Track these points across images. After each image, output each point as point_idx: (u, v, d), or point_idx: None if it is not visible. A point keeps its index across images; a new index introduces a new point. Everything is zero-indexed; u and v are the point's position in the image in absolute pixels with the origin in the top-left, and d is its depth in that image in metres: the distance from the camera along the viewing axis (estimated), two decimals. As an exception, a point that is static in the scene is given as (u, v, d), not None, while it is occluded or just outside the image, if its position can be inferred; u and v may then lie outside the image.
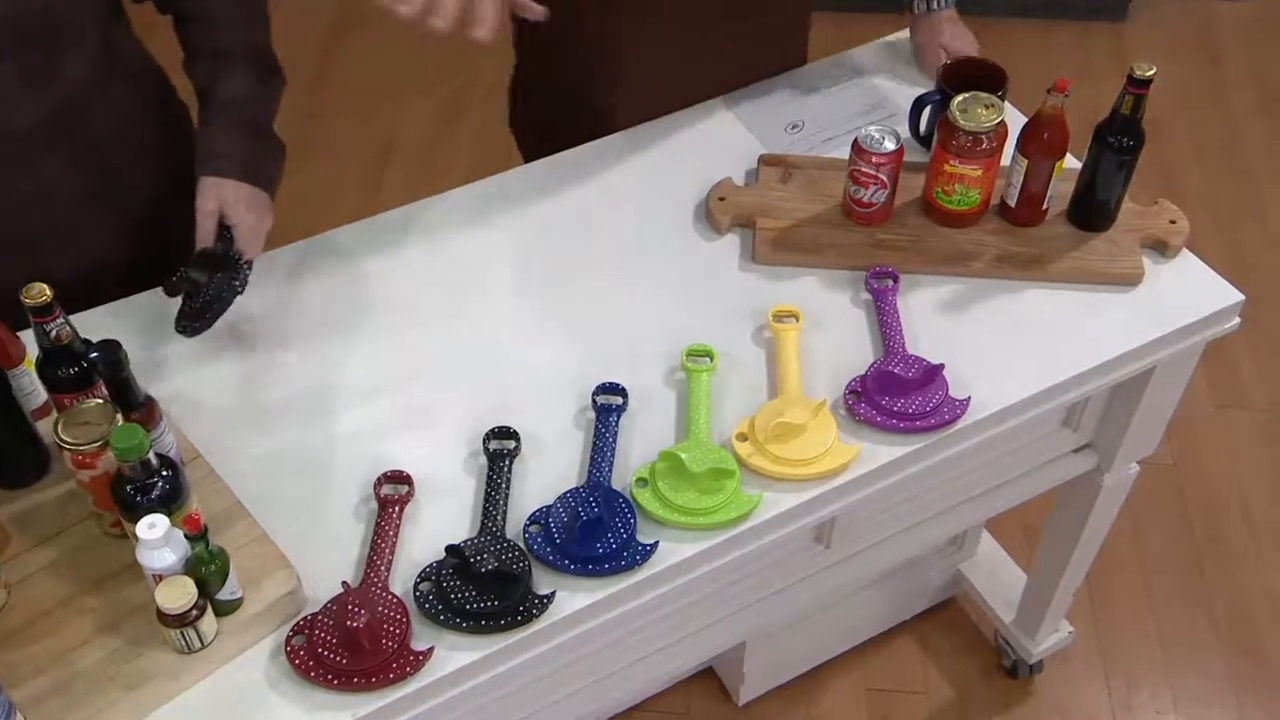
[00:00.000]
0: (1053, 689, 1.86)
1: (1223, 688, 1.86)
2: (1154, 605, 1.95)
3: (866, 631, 1.88)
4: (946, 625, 1.92)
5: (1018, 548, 1.92)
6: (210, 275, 1.15)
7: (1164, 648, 1.90)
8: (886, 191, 1.31)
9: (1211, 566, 2.00)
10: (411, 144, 2.60)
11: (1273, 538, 2.03)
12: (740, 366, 1.23)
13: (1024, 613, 1.78)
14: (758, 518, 1.11)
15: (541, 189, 1.41)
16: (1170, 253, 1.32)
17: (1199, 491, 2.10)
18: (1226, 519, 2.06)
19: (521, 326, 1.27)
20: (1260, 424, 2.20)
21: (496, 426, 1.15)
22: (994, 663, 1.89)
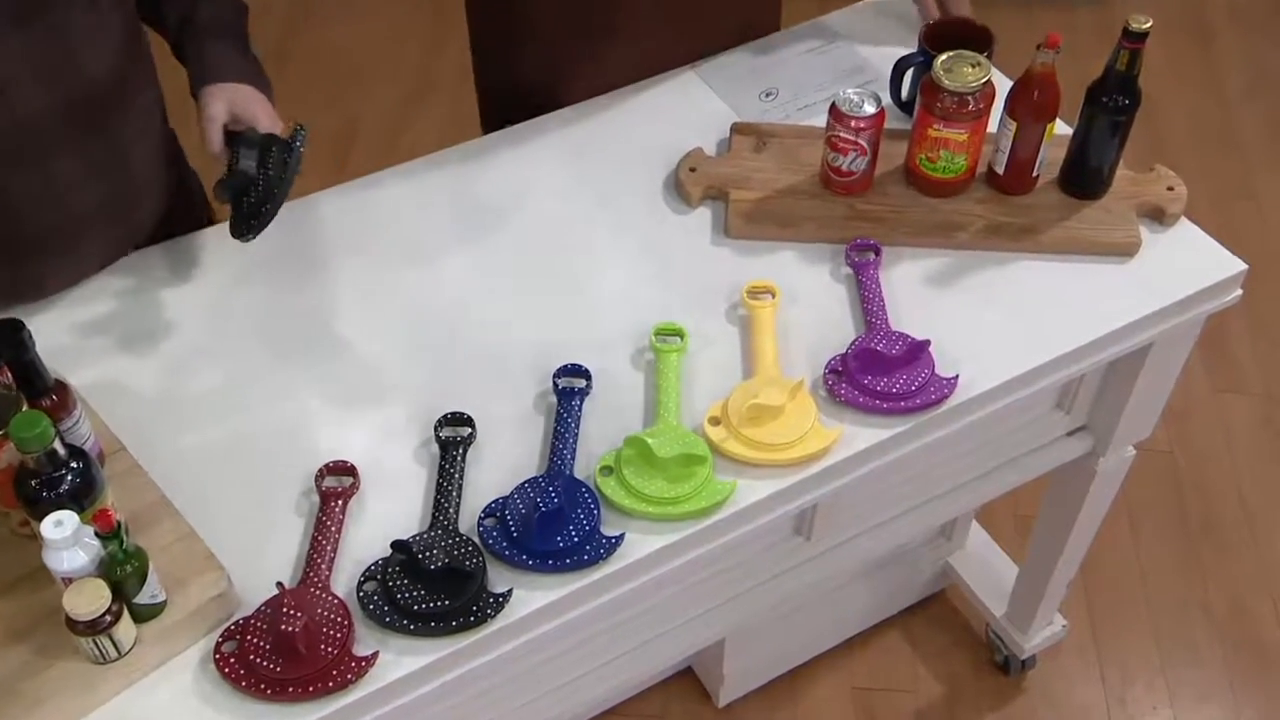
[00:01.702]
0: (1045, 685, 1.80)
1: (1219, 681, 1.80)
2: (1149, 596, 1.89)
3: (851, 628, 1.81)
4: (935, 620, 1.86)
5: (1008, 539, 1.85)
6: (260, 163, 1.08)
7: (1159, 641, 1.84)
8: (867, 159, 1.24)
9: (1208, 556, 1.94)
10: (376, 128, 2.53)
11: (1269, 526, 1.98)
12: (712, 346, 1.16)
13: (1016, 606, 1.72)
14: (731, 507, 1.04)
15: (501, 161, 1.34)
16: (1168, 221, 1.25)
17: (1195, 478, 2.04)
18: (1222, 507, 2.01)
19: (476, 305, 1.19)
20: (1257, 408, 2.14)
21: (449, 412, 1.08)
22: (985, 658, 1.82)
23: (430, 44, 2.73)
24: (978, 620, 1.84)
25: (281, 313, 1.19)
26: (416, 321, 1.18)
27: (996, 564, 1.79)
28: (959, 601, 1.87)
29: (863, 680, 1.79)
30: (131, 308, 1.19)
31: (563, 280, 1.22)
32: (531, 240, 1.26)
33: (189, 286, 1.21)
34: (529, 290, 1.21)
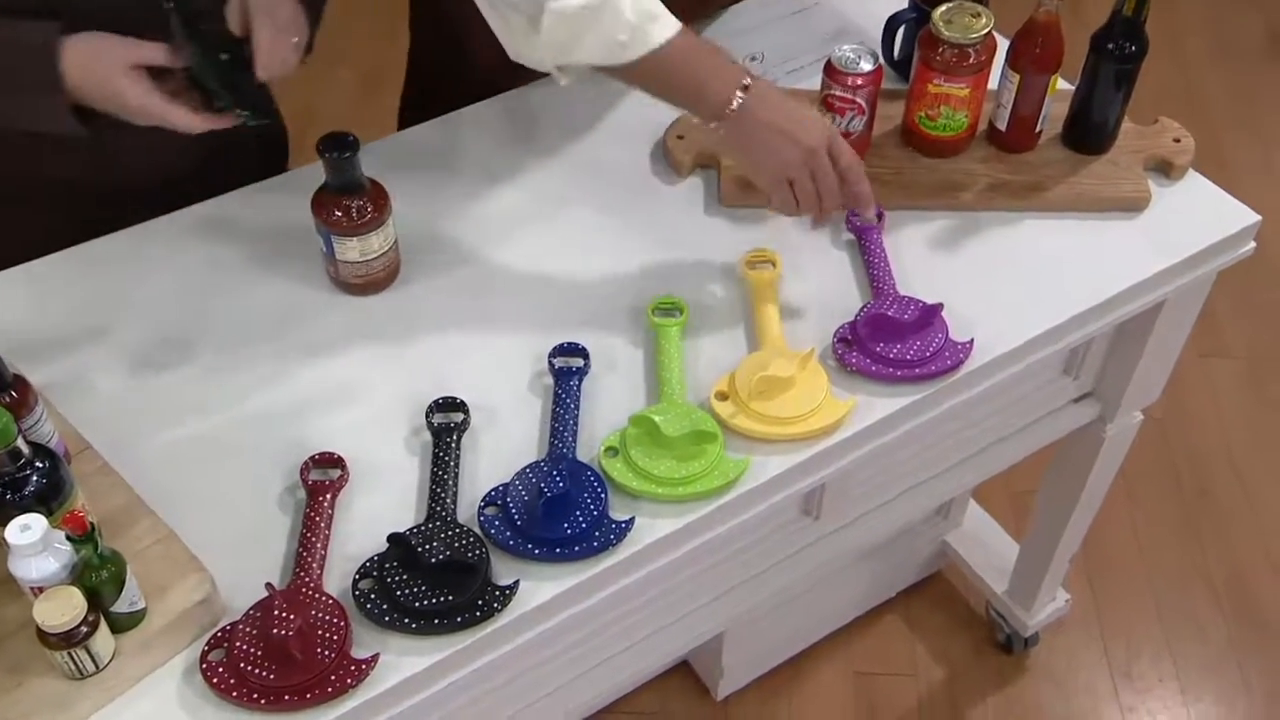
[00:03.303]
0: (1048, 663, 1.77)
1: (1224, 652, 1.78)
2: (1148, 567, 1.88)
3: (850, 612, 1.78)
4: (934, 600, 1.83)
5: (1005, 515, 1.83)
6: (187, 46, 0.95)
7: (1161, 612, 1.83)
8: (865, 118, 1.19)
9: (1204, 523, 1.93)
10: (331, 117, 2.44)
11: (1261, 489, 1.97)
12: (713, 319, 1.11)
13: (1018, 583, 1.69)
14: (745, 485, 0.99)
15: (482, 136, 1.28)
16: (1175, 174, 1.22)
17: (1186, 446, 2.03)
18: (1216, 473, 2.00)
19: (464, 286, 1.14)
20: (1240, 371, 2.14)
21: (441, 397, 1.02)
22: (986, 637, 1.80)
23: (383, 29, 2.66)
24: (977, 599, 1.81)
25: (257, 298, 1.12)
26: (401, 307, 1.12)
27: (995, 541, 1.76)
28: (957, 580, 1.84)
29: (863, 665, 1.76)
30: (93, 297, 1.12)
31: (553, 258, 1.16)
32: (516, 218, 1.20)
33: (155, 273, 1.14)
34: (518, 270, 1.15)
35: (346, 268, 1.09)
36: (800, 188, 1.05)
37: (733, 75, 1.01)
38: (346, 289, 1.11)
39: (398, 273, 1.13)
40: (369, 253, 1.08)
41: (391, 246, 1.10)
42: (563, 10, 0.95)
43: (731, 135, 1.03)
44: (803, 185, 1.04)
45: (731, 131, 1.03)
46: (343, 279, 1.10)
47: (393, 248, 1.10)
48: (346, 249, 1.07)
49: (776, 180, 1.04)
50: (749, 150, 1.04)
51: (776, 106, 1.02)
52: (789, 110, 1.03)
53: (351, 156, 1.02)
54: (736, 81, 1.01)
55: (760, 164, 1.04)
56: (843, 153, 1.05)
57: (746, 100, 1.01)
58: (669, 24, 0.99)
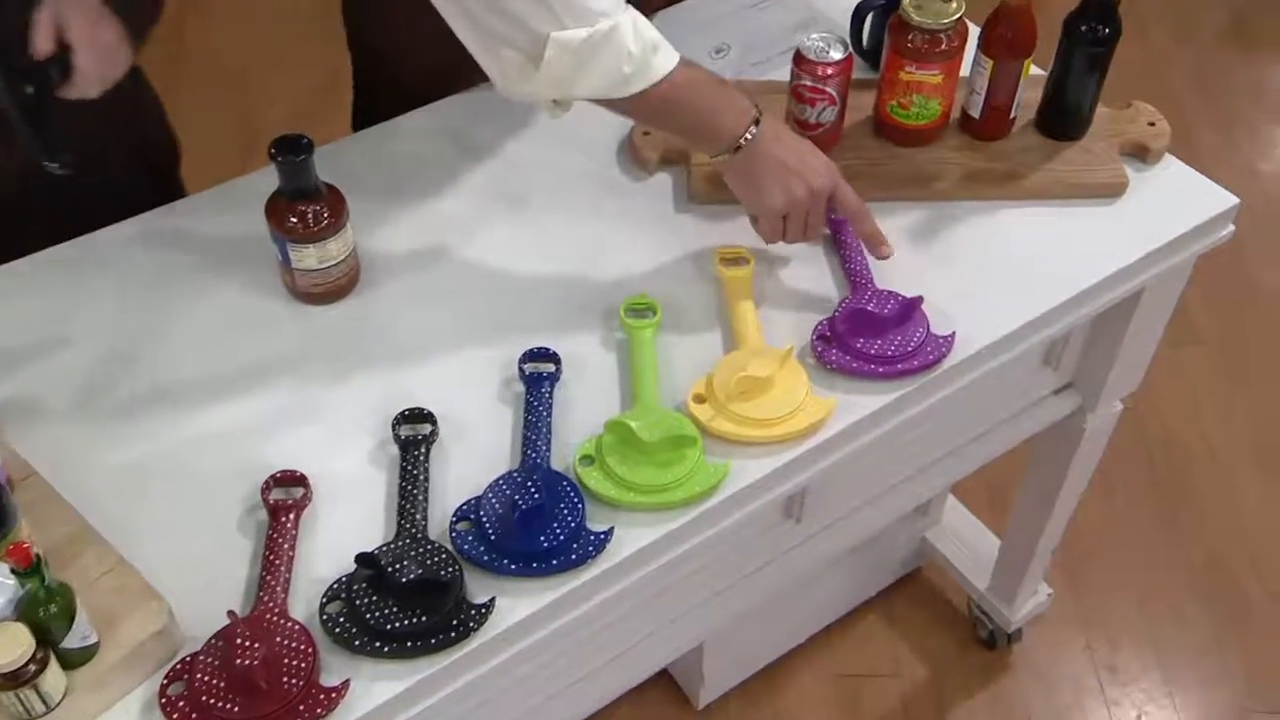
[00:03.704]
0: (1032, 657, 1.76)
1: (1205, 638, 1.78)
2: (1127, 556, 1.87)
3: (830, 614, 1.75)
4: (914, 599, 1.81)
5: (983, 509, 1.80)
6: None
7: (1142, 601, 1.82)
8: (836, 109, 1.17)
9: (1182, 511, 1.93)
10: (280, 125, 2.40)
11: (1236, 473, 1.97)
12: (687, 319, 1.08)
13: (999, 578, 1.67)
14: (727, 490, 0.96)
15: (440, 136, 1.24)
16: (1152, 158, 1.20)
17: (1161, 434, 2.03)
18: (1189, 458, 2.00)
19: (428, 292, 1.10)
20: (1214, 358, 2.14)
21: (408, 409, 0.98)
22: (968, 635, 1.78)
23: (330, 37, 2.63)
24: (958, 596, 1.79)
25: (210, 311, 1.08)
26: (362, 315, 1.08)
27: (974, 536, 1.74)
28: (937, 577, 1.82)
29: (845, 667, 1.73)
30: (34, 313, 1.07)
31: (518, 261, 1.13)
32: (478, 221, 1.16)
33: (101, 286, 1.09)
34: (482, 274, 1.12)
35: (304, 276, 1.05)
36: (793, 225, 1.05)
37: (744, 108, 1.01)
38: (304, 298, 1.07)
39: (357, 280, 1.09)
40: (327, 260, 1.04)
41: (350, 253, 1.06)
42: (567, 42, 0.92)
43: (740, 167, 1.03)
44: (796, 223, 1.05)
45: (740, 163, 1.02)
46: (300, 288, 1.06)
47: (352, 254, 1.06)
48: (304, 257, 1.03)
49: (773, 215, 1.04)
50: (755, 182, 1.03)
51: (788, 144, 1.03)
52: (800, 149, 1.03)
53: (306, 160, 0.98)
54: (749, 115, 1.01)
55: (763, 198, 1.03)
56: (849, 197, 1.05)
57: (759, 134, 1.01)
58: (671, 54, 0.97)
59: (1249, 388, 2.10)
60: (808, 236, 1.07)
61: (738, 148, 1.01)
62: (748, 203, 1.05)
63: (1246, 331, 2.18)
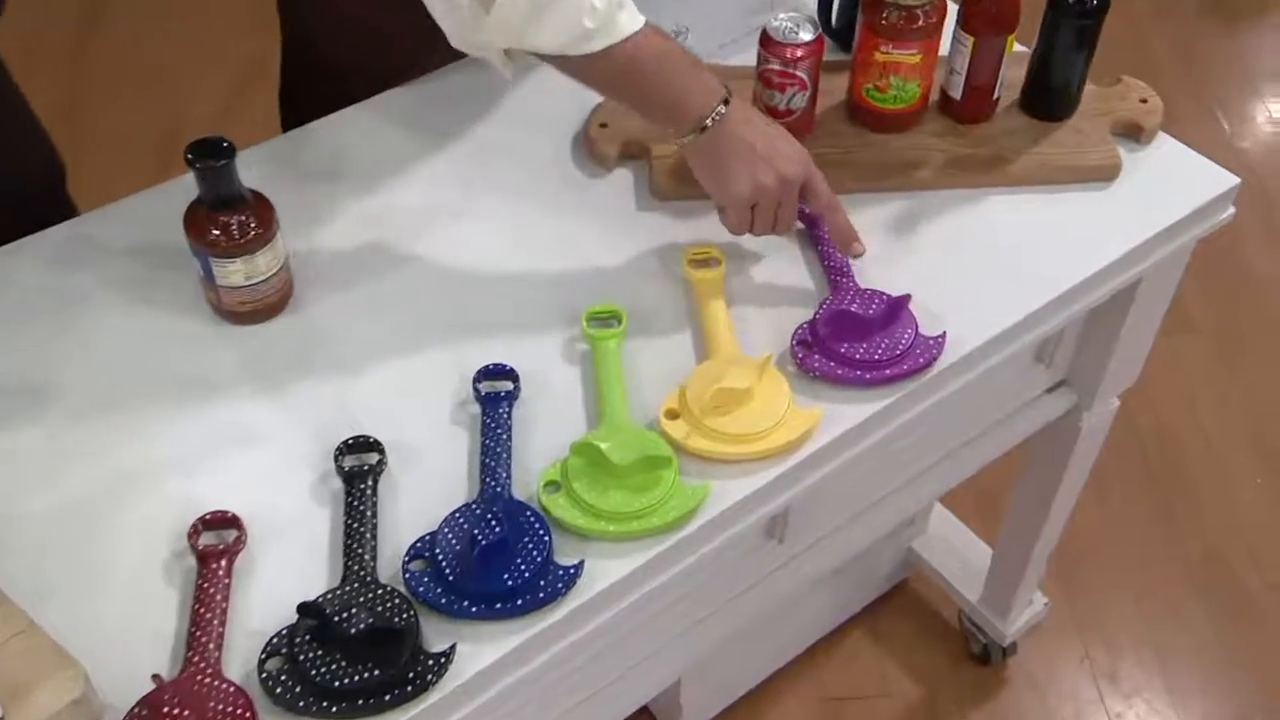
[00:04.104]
0: (1029, 671, 1.73)
1: (1208, 639, 1.76)
2: (1123, 557, 1.85)
3: (813, 634, 1.72)
4: (901, 612, 1.78)
5: (972, 516, 1.78)
6: None
7: (1140, 603, 1.80)
8: (807, 94, 1.13)
9: (1176, 504, 1.92)
10: (203, 124, 2.34)
11: (1232, 464, 1.97)
12: (655, 326, 1.04)
13: (992, 588, 1.64)
14: (706, 513, 0.92)
15: (378, 134, 1.19)
16: (1145, 137, 1.18)
17: (1155, 426, 2.02)
18: (1185, 451, 1.99)
19: (369, 307, 1.05)
20: (1208, 346, 2.13)
21: (351, 437, 0.93)
22: (961, 649, 1.75)
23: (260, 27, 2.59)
24: (948, 608, 1.76)
25: (126, 334, 1.02)
26: (296, 335, 1.03)
27: (964, 545, 1.71)
28: (925, 589, 1.79)
29: (831, 689, 1.70)
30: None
31: (468, 268, 1.08)
32: (424, 225, 1.12)
33: (1, 307, 1.03)
34: (430, 286, 1.07)
35: (230, 294, 0.99)
36: (761, 215, 1.02)
37: (713, 86, 0.98)
38: (231, 318, 1.02)
39: (290, 295, 1.04)
40: (256, 275, 0.98)
41: (282, 266, 1.01)
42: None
43: (705, 149, 0.99)
44: (765, 214, 1.02)
45: (706, 146, 0.99)
46: (226, 306, 1.01)
47: (283, 267, 1.01)
48: (229, 273, 0.97)
49: (740, 203, 1.01)
50: (721, 167, 1.00)
51: (759, 128, 1.00)
52: (771, 135, 1.00)
53: (227, 165, 0.93)
54: (717, 94, 0.98)
55: (729, 184, 1.00)
56: (821, 189, 1.02)
57: (727, 115, 0.98)
58: (637, 15, 0.94)
59: (1243, 375, 2.10)
60: (777, 229, 1.04)
61: (703, 128, 0.97)
62: (713, 190, 1.02)
63: (1239, 316, 2.18)
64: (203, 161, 0.93)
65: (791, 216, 1.04)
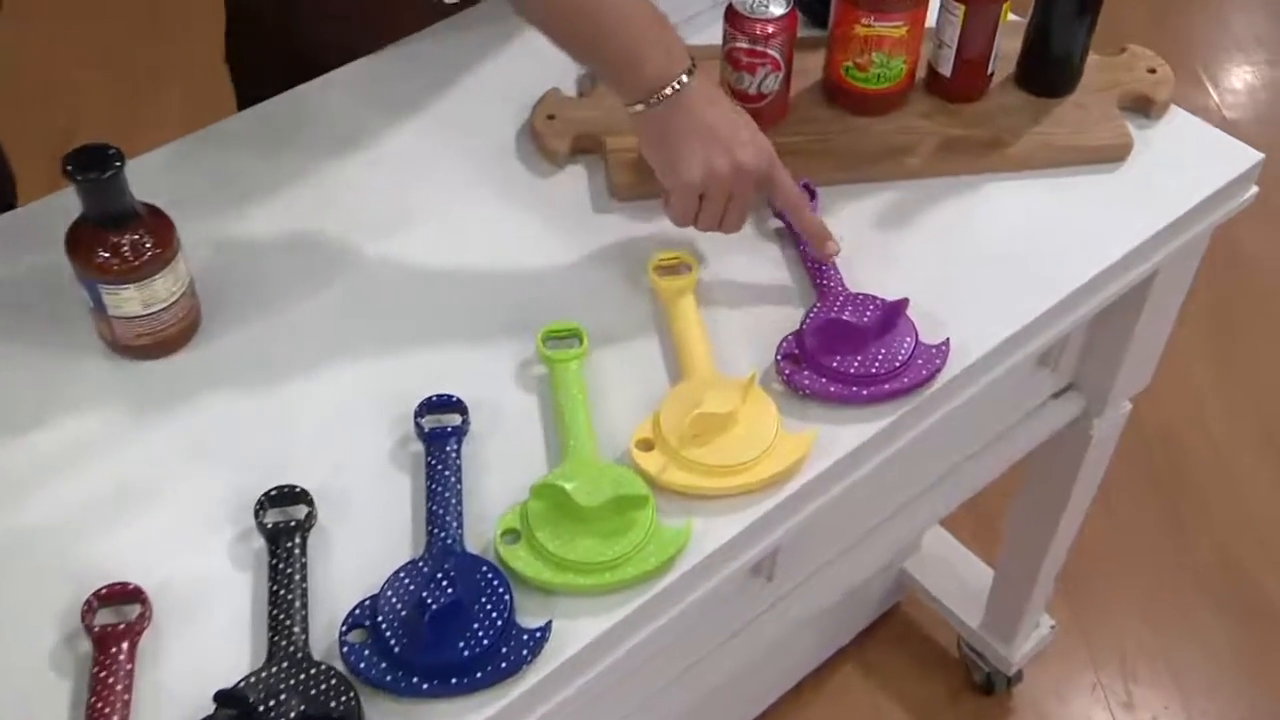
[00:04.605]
0: (1036, 700, 1.70)
1: (1226, 656, 1.74)
2: (1131, 569, 1.82)
3: (799, 671, 1.67)
4: (894, 641, 1.74)
5: (967, 534, 1.73)
6: None
7: (1152, 619, 1.77)
8: (780, 75, 1.07)
9: (1184, 507, 1.90)
10: (98, 128, 2.28)
11: (1239, 459, 1.95)
12: (621, 345, 0.97)
13: (995, 612, 1.60)
14: (690, 558, 0.86)
15: (295, 132, 1.12)
16: (1156, 111, 1.13)
17: (1158, 425, 1.99)
18: (1189, 449, 1.97)
19: (289, 333, 0.98)
20: (1202, 335, 2.10)
21: (275, 487, 0.86)
22: (961, 679, 1.71)
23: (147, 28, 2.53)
24: (945, 634, 1.72)
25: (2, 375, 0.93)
26: (205, 369, 0.95)
27: (962, 566, 1.67)
28: (919, 614, 1.75)
29: (822, 730, 1.65)
30: None
31: (404, 285, 1.01)
32: (353, 237, 1.04)
33: None
34: (362, 306, 1.00)
35: (125, 325, 0.91)
36: (709, 206, 0.97)
37: (678, 53, 0.93)
38: (128, 352, 0.94)
39: (198, 324, 0.97)
40: (155, 302, 0.91)
41: (185, 291, 0.93)
42: None
43: (656, 123, 0.94)
44: (713, 205, 0.96)
45: (657, 119, 0.93)
46: (121, 340, 0.93)
47: (187, 292, 0.93)
48: (123, 301, 0.89)
49: (688, 189, 0.95)
50: (672, 146, 0.94)
51: (722, 110, 0.95)
52: (735, 120, 0.95)
53: (115, 177, 0.85)
54: (681, 63, 0.92)
55: (678, 167, 0.94)
56: (786, 185, 0.97)
57: (688, 87, 0.92)
58: None
59: (1243, 362, 2.08)
60: (724, 225, 0.98)
61: (659, 98, 0.92)
62: (660, 171, 0.97)
63: (1232, 299, 2.15)
64: (85, 174, 0.84)
65: (742, 213, 0.98)
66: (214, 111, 1.19)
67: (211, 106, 1.26)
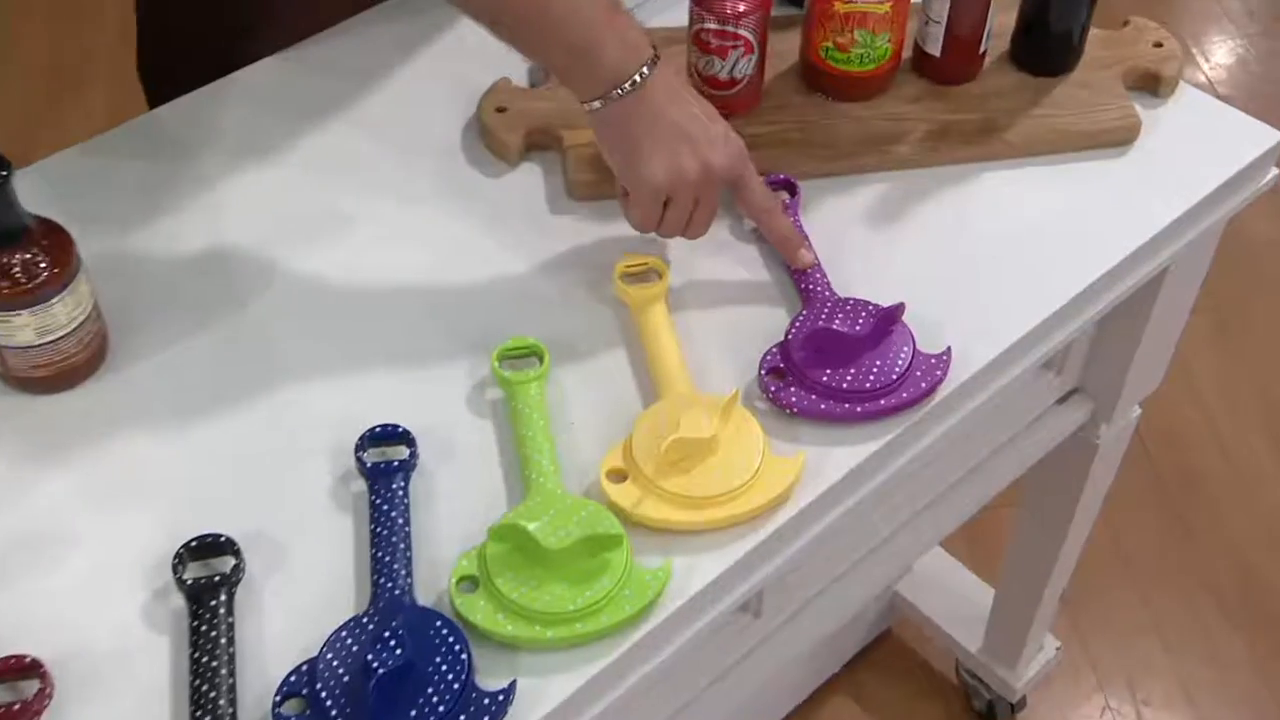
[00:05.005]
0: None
1: (1246, 673, 1.71)
2: (1139, 582, 1.79)
3: (787, 704, 1.63)
4: (886, 668, 1.71)
5: (963, 550, 1.70)
6: None
7: (1164, 636, 1.74)
8: (753, 58, 1.03)
9: (1194, 513, 1.87)
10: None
11: (1252, 459, 1.93)
12: (586, 362, 0.92)
13: (996, 635, 1.56)
14: (672, 601, 0.80)
15: (210, 137, 1.06)
16: (1165, 89, 1.09)
17: (1159, 424, 1.95)
18: (1197, 450, 1.95)
19: (210, 359, 0.91)
20: (1207, 328, 2.08)
21: (196, 538, 0.79)
22: (961, 707, 1.69)
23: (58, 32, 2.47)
24: (942, 660, 1.69)
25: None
26: (113, 402, 0.89)
27: (959, 585, 1.64)
28: (914, 639, 1.72)
29: (814, 766, 1.61)
30: None
31: (341, 298, 0.96)
32: (282, 245, 0.99)
33: None
34: (292, 325, 0.94)
35: (19, 356, 0.86)
36: (675, 211, 0.92)
37: (638, 42, 0.88)
38: (24, 385, 0.88)
39: (104, 352, 0.91)
40: (53, 330, 0.85)
41: (88, 315, 0.86)
42: None
43: (615, 122, 0.89)
44: (679, 210, 0.92)
45: (616, 117, 0.89)
46: (16, 372, 0.87)
47: (91, 316, 0.87)
48: (15, 329, 0.84)
49: (652, 193, 0.91)
50: (634, 145, 0.89)
51: (688, 105, 0.90)
52: (703, 117, 0.91)
53: (1, 188, 0.79)
54: (643, 53, 0.88)
55: (641, 168, 0.89)
56: (755, 186, 0.93)
57: (650, 81, 0.88)
58: None
59: (1251, 355, 2.06)
60: (689, 230, 0.94)
61: (618, 93, 0.87)
62: (621, 172, 0.93)
63: (1236, 288, 2.13)
64: None
65: (708, 217, 0.94)
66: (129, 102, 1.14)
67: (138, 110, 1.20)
